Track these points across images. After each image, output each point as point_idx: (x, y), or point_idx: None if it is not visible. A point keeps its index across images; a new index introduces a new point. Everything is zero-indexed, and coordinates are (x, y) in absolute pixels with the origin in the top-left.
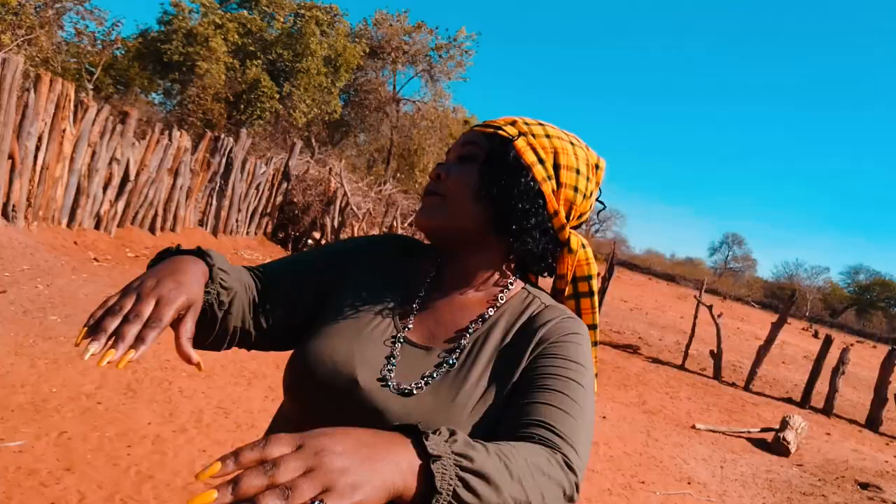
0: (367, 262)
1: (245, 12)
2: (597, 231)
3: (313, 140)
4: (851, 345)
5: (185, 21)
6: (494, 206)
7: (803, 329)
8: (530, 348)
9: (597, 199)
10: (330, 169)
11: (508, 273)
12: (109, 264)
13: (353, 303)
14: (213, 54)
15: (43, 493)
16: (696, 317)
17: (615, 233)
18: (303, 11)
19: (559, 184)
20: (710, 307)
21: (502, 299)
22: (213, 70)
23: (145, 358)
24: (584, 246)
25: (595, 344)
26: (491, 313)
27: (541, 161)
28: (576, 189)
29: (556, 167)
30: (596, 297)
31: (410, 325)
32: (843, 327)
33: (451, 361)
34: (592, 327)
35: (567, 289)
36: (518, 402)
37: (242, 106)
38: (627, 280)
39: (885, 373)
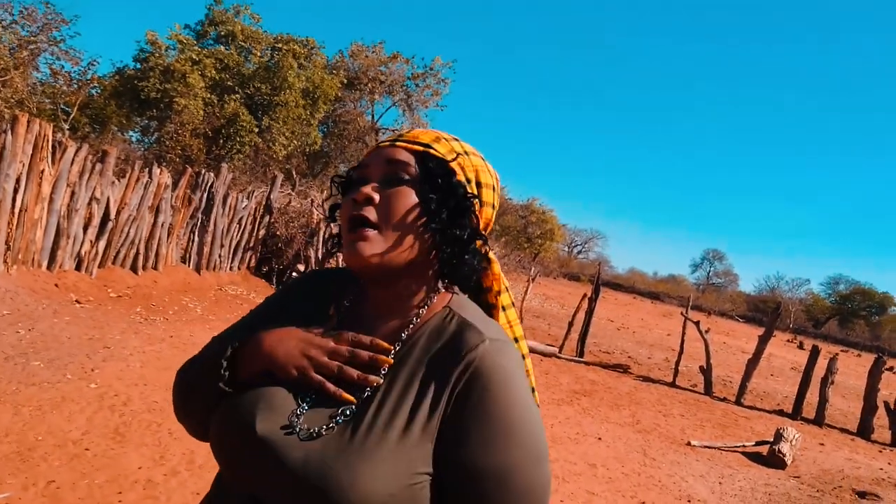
0: (291, 306)
1: (222, 48)
2: (579, 253)
3: (294, 172)
4: (836, 354)
5: (161, 58)
6: (435, 231)
7: (788, 341)
8: (450, 387)
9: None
10: (312, 200)
11: (435, 287)
12: (91, 305)
13: None
14: (191, 90)
15: None
16: (683, 333)
17: (597, 254)
18: (280, 45)
19: (481, 202)
20: (697, 323)
21: (419, 318)
22: (191, 106)
23: (132, 400)
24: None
25: (523, 357)
26: (404, 336)
27: (468, 181)
28: (493, 206)
29: (479, 185)
30: (514, 309)
31: None
32: (827, 337)
33: (360, 396)
34: (516, 340)
35: (496, 302)
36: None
37: (222, 140)
38: (612, 300)
39: (874, 380)
